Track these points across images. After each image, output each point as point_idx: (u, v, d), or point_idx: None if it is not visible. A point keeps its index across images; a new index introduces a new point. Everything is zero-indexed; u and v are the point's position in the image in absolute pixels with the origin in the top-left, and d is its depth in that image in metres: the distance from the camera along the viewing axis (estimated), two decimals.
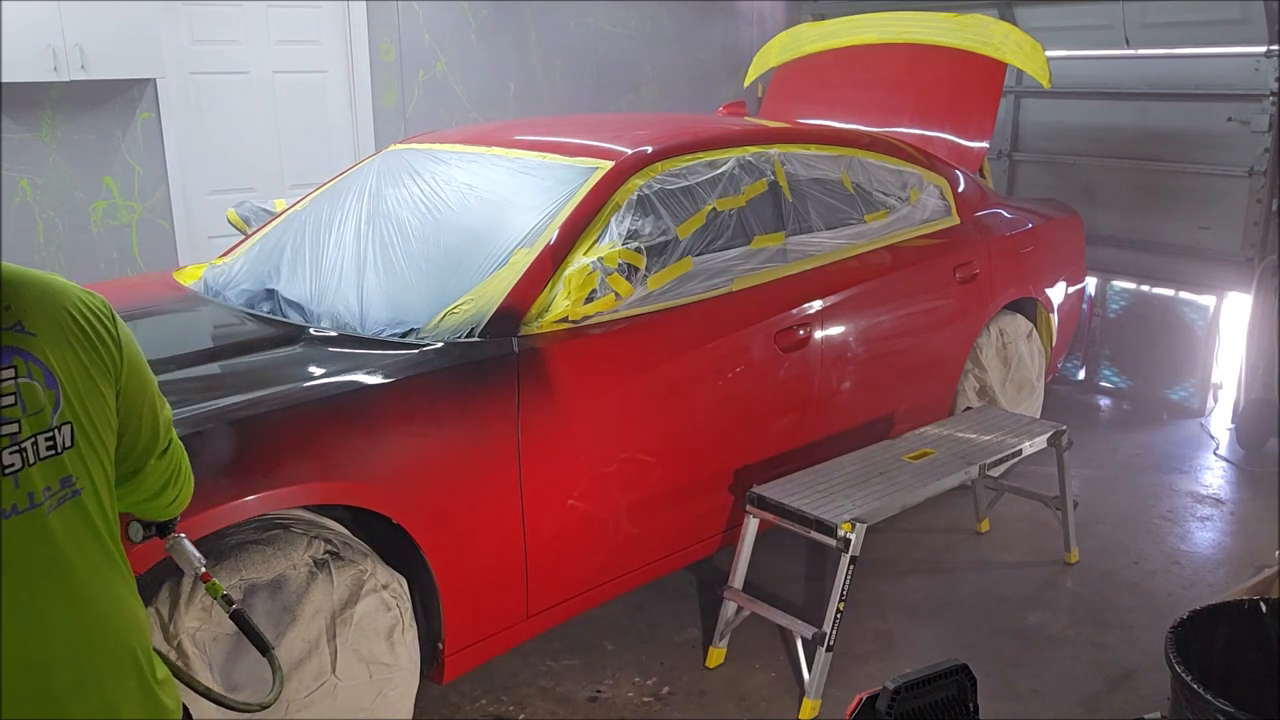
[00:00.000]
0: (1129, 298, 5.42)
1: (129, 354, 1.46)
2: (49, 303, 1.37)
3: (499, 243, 2.89)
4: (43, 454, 1.31)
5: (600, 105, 6.66)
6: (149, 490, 1.61)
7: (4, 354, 1.29)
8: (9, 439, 1.28)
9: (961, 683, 2.04)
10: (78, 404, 1.36)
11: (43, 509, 1.30)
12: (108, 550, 1.38)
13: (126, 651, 1.39)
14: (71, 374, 1.35)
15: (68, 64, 4.45)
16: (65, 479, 1.33)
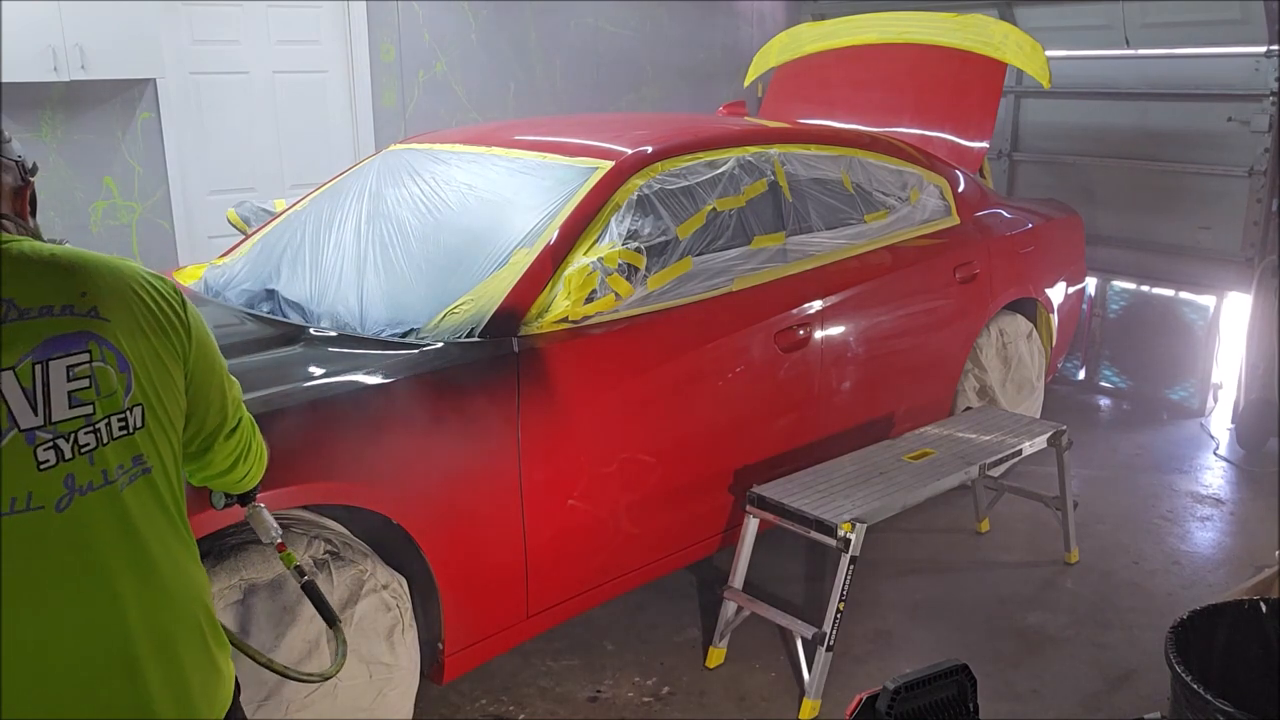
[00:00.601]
0: (1129, 298, 5.42)
1: (197, 337, 1.52)
2: (121, 288, 1.43)
3: (499, 243, 2.89)
4: (115, 434, 1.37)
5: (600, 105, 6.66)
6: (219, 467, 1.67)
7: (80, 339, 1.35)
8: (84, 420, 1.34)
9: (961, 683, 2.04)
10: (148, 386, 1.41)
11: (116, 485, 1.36)
12: (174, 524, 1.45)
13: (193, 620, 1.46)
14: (143, 358, 1.41)
15: (68, 64, 4.45)
16: (136, 457, 1.39)
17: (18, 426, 1.30)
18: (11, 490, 1.30)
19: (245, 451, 1.70)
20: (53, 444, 1.32)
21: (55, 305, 1.35)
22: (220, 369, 1.59)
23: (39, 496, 1.31)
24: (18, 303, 1.33)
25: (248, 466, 1.73)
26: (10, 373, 1.30)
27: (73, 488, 1.33)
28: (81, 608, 1.34)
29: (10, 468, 1.30)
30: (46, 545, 1.32)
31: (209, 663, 1.48)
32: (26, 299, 1.34)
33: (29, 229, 1.53)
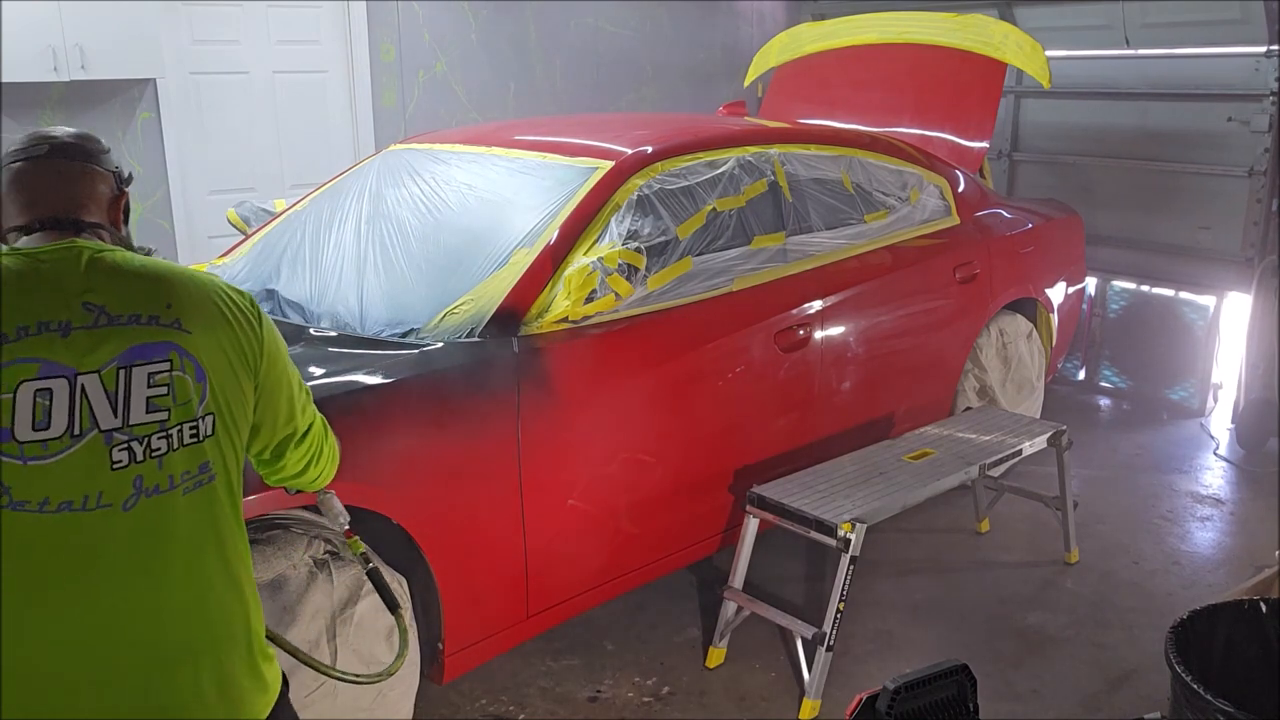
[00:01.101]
0: (1129, 298, 5.42)
1: (269, 352, 1.59)
2: (204, 301, 1.50)
3: (499, 243, 2.89)
4: (186, 441, 1.44)
5: (600, 105, 6.66)
6: (292, 470, 1.76)
7: (163, 348, 1.42)
8: (158, 425, 1.41)
9: (961, 683, 2.04)
10: (221, 397, 1.48)
11: (178, 491, 1.43)
12: (231, 531, 1.50)
13: (241, 625, 1.51)
14: (218, 369, 1.48)
15: (68, 64, 4.45)
16: (203, 465, 1.46)
17: (98, 427, 1.37)
18: (85, 487, 1.37)
19: (316, 456, 1.78)
20: (127, 446, 1.39)
21: (143, 314, 1.42)
22: (289, 382, 1.66)
23: (109, 495, 1.38)
24: (109, 309, 1.41)
25: (319, 469, 1.81)
26: (96, 375, 1.38)
27: (140, 489, 1.40)
28: (136, 605, 1.40)
29: (87, 465, 1.37)
30: (111, 542, 1.38)
31: (253, 668, 1.53)
32: (117, 306, 1.41)
33: (121, 238, 1.59)
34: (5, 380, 1.34)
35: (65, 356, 1.37)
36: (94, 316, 1.40)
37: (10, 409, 1.34)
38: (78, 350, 1.38)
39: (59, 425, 1.36)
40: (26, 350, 1.36)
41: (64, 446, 1.36)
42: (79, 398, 1.37)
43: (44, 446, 1.35)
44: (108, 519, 1.38)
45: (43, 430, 1.35)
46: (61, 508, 1.36)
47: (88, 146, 1.58)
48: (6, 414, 1.34)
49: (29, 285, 1.40)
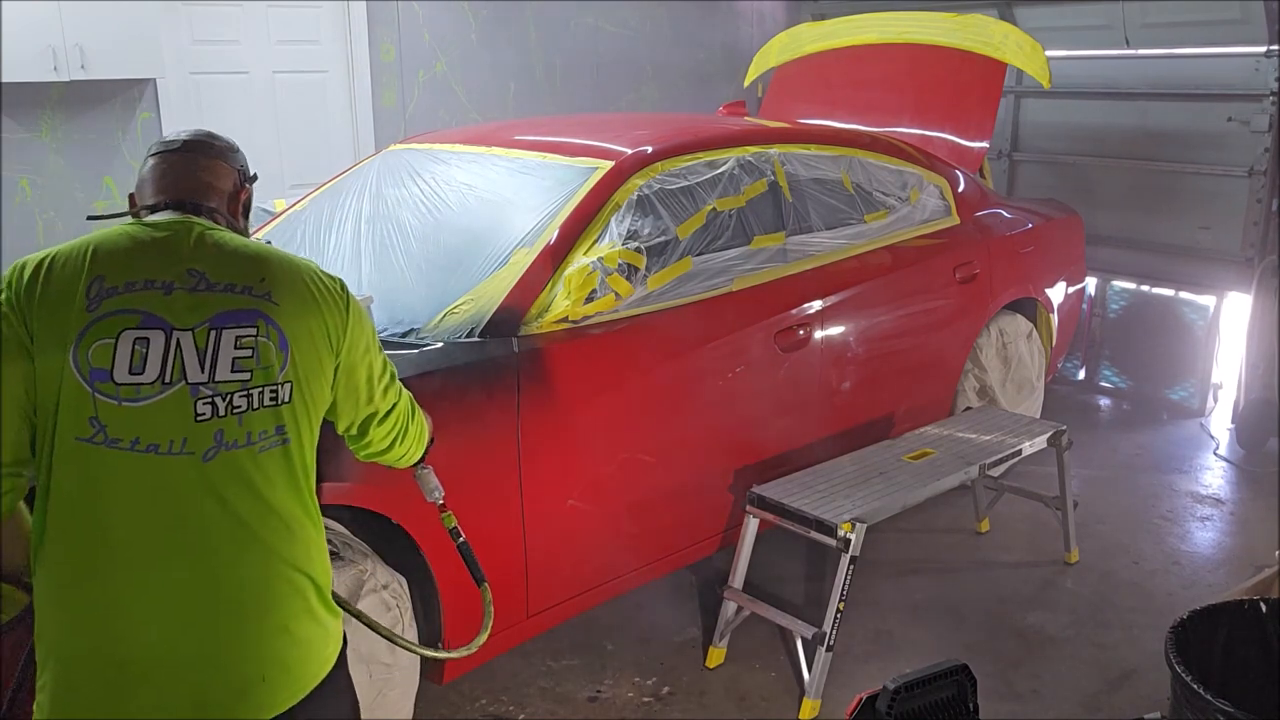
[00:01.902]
0: (1129, 298, 5.42)
1: (352, 333, 1.71)
2: (296, 281, 1.65)
3: (499, 243, 2.89)
4: (265, 403, 1.57)
5: (600, 105, 6.66)
6: (379, 447, 1.90)
7: (251, 315, 1.57)
8: (240, 385, 1.55)
9: (961, 683, 2.05)
10: (301, 368, 1.61)
11: (255, 447, 1.56)
12: (300, 493, 1.63)
13: (304, 579, 1.62)
14: (301, 343, 1.61)
15: (68, 64, 4.45)
16: (279, 427, 1.59)
17: (186, 380, 1.52)
18: (170, 433, 1.51)
19: (401, 435, 1.91)
20: (211, 400, 1.53)
21: (238, 284, 1.58)
22: (370, 364, 1.77)
23: (191, 444, 1.52)
24: (208, 276, 1.57)
25: (405, 448, 1.95)
26: (189, 333, 1.53)
27: (220, 442, 1.53)
28: (210, 548, 1.53)
29: (173, 414, 1.51)
30: (191, 487, 1.52)
31: (315, 622, 1.64)
32: (216, 275, 1.58)
33: (237, 227, 1.76)
34: (110, 326, 1.50)
35: (165, 312, 1.53)
36: (195, 281, 1.56)
37: (111, 353, 1.50)
38: (177, 309, 1.54)
39: (152, 372, 1.51)
40: (131, 302, 1.53)
41: (154, 392, 1.51)
42: (173, 350, 1.52)
43: (137, 390, 1.50)
44: (189, 466, 1.51)
45: (137, 375, 1.50)
46: (149, 449, 1.50)
47: (216, 144, 1.78)
48: (108, 357, 1.50)
49: (142, 249, 1.58)
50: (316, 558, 1.66)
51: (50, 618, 1.55)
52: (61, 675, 1.53)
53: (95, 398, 1.49)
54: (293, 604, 1.60)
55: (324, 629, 1.66)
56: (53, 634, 1.54)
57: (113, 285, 1.53)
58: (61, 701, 1.53)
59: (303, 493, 1.63)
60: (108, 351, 1.50)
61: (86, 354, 1.50)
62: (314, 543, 1.65)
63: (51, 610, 1.54)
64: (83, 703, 1.52)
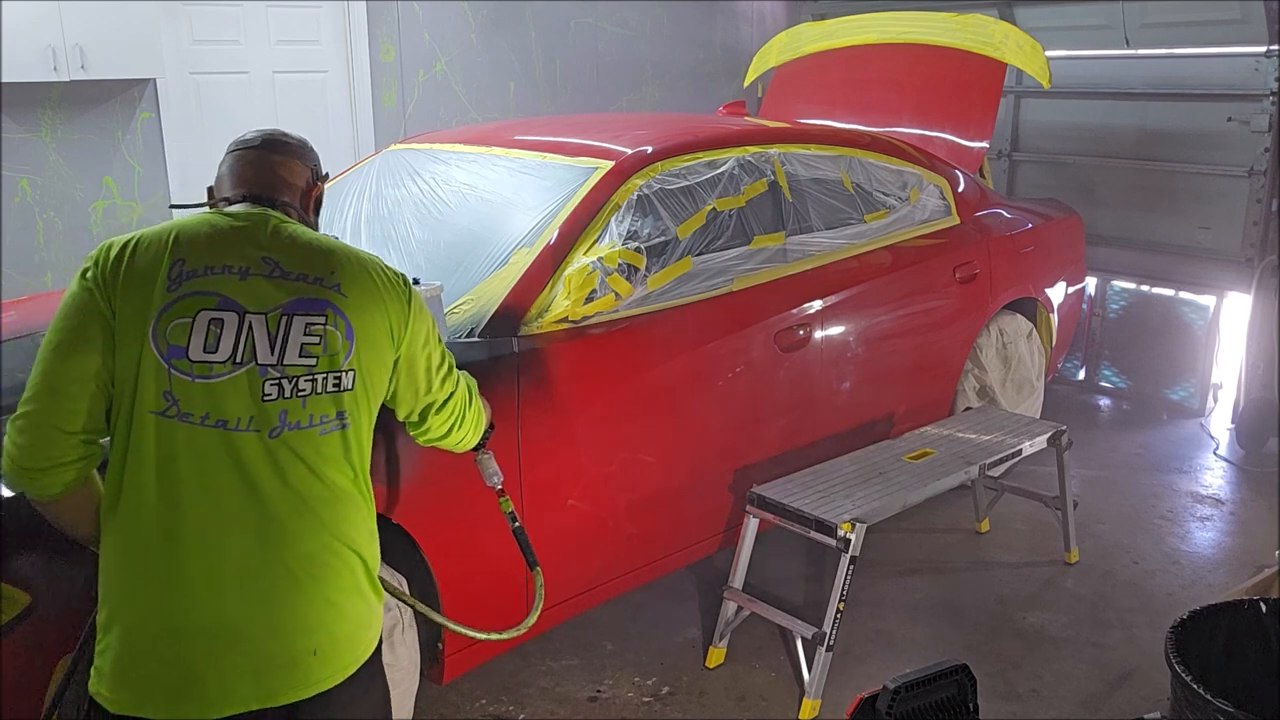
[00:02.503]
0: (1129, 298, 5.42)
1: (413, 326, 1.80)
2: (362, 274, 1.74)
3: (499, 243, 2.89)
4: (328, 388, 1.66)
5: (600, 105, 6.66)
6: (438, 434, 2.00)
7: (321, 305, 1.67)
8: (307, 369, 1.64)
9: (961, 683, 2.05)
10: (365, 358, 1.71)
11: (316, 430, 1.65)
12: (356, 476, 1.72)
13: (354, 559, 1.70)
14: (365, 333, 1.71)
15: (68, 64, 4.45)
16: (340, 412, 1.67)
17: (256, 361, 1.62)
18: (238, 410, 1.60)
19: (458, 422, 2.00)
20: (278, 382, 1.62)
21: (309, 275, 1.68)
22: (429, 356, 1.86)
23: (258, 422, 1.61)
24: (282, 266, 1.67)
25: (462, 434, 2.04)
26: (262, 317, 1.63)
27: (284, 422, 1.62)
28: (269, 522, 1.61)
29: (242, 393, 1.60)
30: (255, 463, 1.60)
31: (364, 600, 1.72)
32: (289, 265, 1.68)
33: (309, 222, 1.87)
34: (189, 306, 1.61)
35: (240, 296, 1.63)
36: (270, 269, 1.66)
37: (188, 332, 1.60)
38: (251, 294, 1.64)
39: (224, 352, 1.61)
40: (209, 285, 1.63)
41: (225, 371, 1.60)
42: (245, 332, 1.62)
43: (209, 368, 1.60)
44: (255, 442, 1.61)
45: (211, 354, 1.60)
46: (218, 424, 1.59)
47: (291, 143, 1.88)
48: (185, 335, 1.60)
49: (222, 236, 1.69)
50: (367, 538, 1.74)
51: (116, 583, 1.62)
52: (125, 639, 1.60)
53: (170, 373, 1.59)
54: (344, 580, 1.68)
55: (370, 609, 1.74)
56: (117, 598, 1.62)
57: (193, 268, 1.63)
58: (124, 664, 1.60)
59: (358, 476, 1.72)
60: (184, 330, 1.60)
61: (165, 331, 1.60)
62: (365, 524, 1.74)
63: (118, 576, 1.62)
64: (145, 666, 1.59)
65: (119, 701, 1.60)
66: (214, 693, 1.59)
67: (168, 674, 1.58)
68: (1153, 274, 5.32)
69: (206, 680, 1.58)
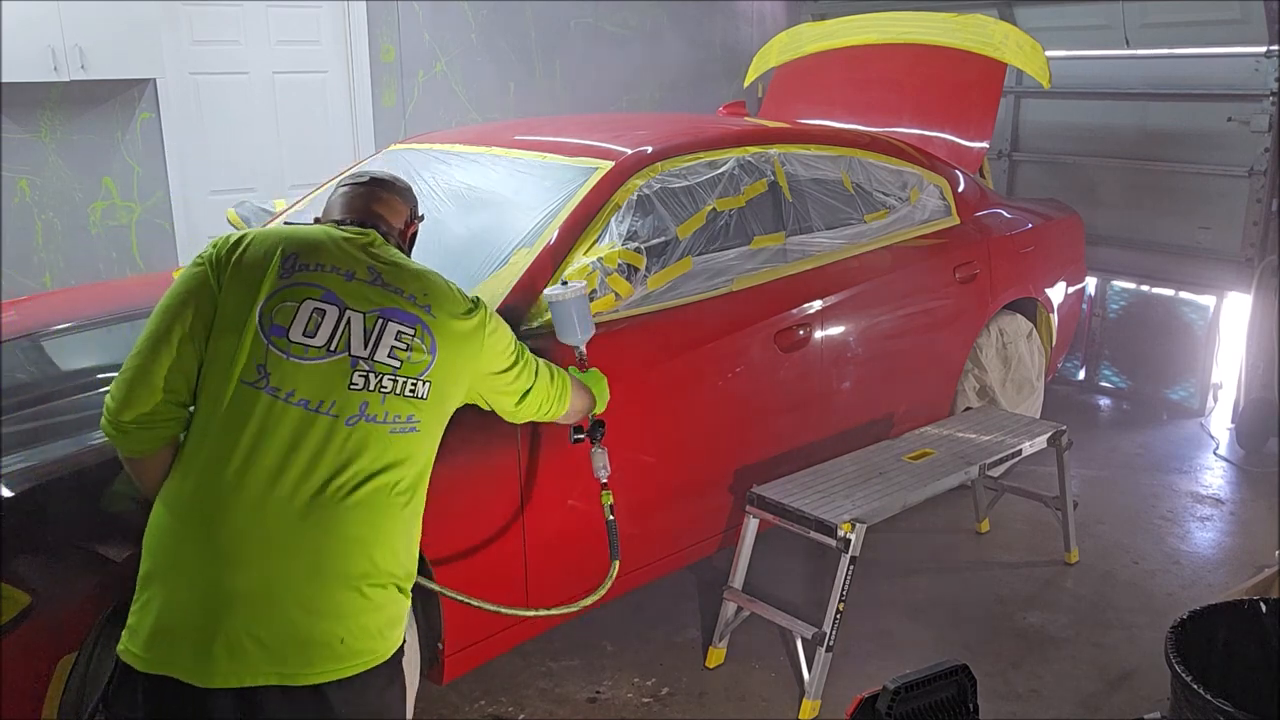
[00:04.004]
0: (1129, 298, 5.42)
1: (488, 350, 1.98)
2: (448, 300, 1.92)
3: (499, 243, 2.89)
4: (405, 392, 1.80)
5: (600, 105, 6.65)
6: (527, 418, 2.25)
7: (413, 318, 1.84)
8: (391, 370, 1.79)
9: (961, 683, 2.05)
10: (442, 373, 1.86)
11: (388, 427, 1.78)
12: (413, 483, 1.83)
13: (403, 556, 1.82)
14: (446, 352, 1.87)
15: (68, 64, 4.45)
16: (411, 415, 1.81)
17: (349, 351, 1.77)
18: (322, 394, 1.74)
19: (543, 403, 2.22)
20: (366, 374, 1.77)
21: (405, 290, 1.86)
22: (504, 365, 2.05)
23: (339, 408, 1.74)
24: (384, 277, 1.86)
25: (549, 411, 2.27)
26: (361, 315, 1.80)
27: (363, 412, 1.75)
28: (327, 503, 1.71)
29: (330, 377, 1.75)
30: (325, 445, 1.72)
31: (395, 600, 1.80)
32: (390, 278, 1.86)
33: (404, 253, 2.05)
34: (297, 293, 1.77)
35: (344, 293, 1.80)
36: (373, 277, 1.85)
37: (292, 315, 1.76)
38: (354, 294, 1.81)
39: (322, 339, 1.76)
40: (318, 279, 1.80)
41: (318, 355, 1.75)
42: (343, 325, 1.78)
43: (305, 350, 1.75)
44: (331, 426, 1.73)
45: (309, 338, 1.75)
46: (300, 403, 1.72)
47: (396, 184, 2.10)
48: (289, 317, 1.76)
49: (334, 243, 1.87)
50: (407, 542, 1.83)
51: (166, 538, 1.71)
52: (166, 594, 1.67)
53: (269, 349, 1.73)
54: (381, 575, 1.76)
55: (399, 609, 1.82)
56: (164, 553, 1.70)
57: (305, 263, 1.81)
58: (161, 621, 1.66)
59: (415, 483, 1.83)
60: (289, 313, 1.76)
61: (271, 312, 1.75)
62: (409, 528, 1.84)
63: (170, 532, 1.71)
64: (181, 624, 1.66)
65: (150, 660, 1.65)
66: (239, 661, 1.64)
67: (199, 636, 1.64)
68: (1153, 274, 5.32)
69: (235, 646, 1.64)
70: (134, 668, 1.66)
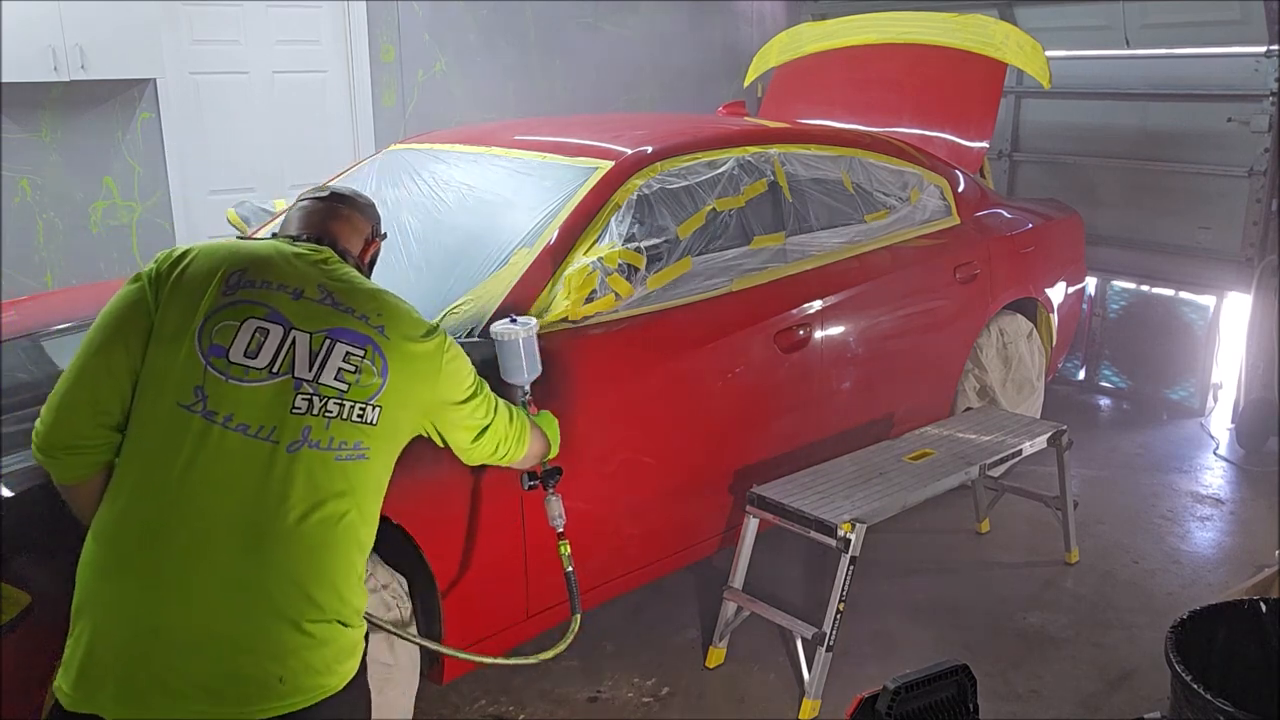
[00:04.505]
0: (1129, 298, 5.41)
1: (446, 373, 1.88)
2: (404, 322, 1.82)
3: (499, 243, 2.89)
4: (353, 418, 1.71)
5: (600, 105, 6.65)
6: (480, 459, 2.12)
7: (364, 339, 1.75)
8: (337, 393, 1.70)
9: (961, 683, 2.05)
10: (394, 398, 1.76)
11: (333, 454, 1.68)
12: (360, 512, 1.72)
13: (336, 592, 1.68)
14: (398, 376, 1.77)
15: (68, 64, 4.45)
16: (358, 443, 1.71)
17: (292, 373, 1.67)
18: (262, 418, 1.64)
19: (500, 443, 2.11)
20: (310, 397, 1.67)
21: (357, 310, 1.77)
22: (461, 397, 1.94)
23: (279, 432, 1.64)
24: (335, 296, 1.77)
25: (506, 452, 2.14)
26: (307, 335, 1.70)
27: (305, 438, 1.65)
28: (266, 535, 1.61)
29: (273, 401, 1.65)
30: (264, 474, 1.62)
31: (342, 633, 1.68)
32: (342, 298, 1.78)
33: (363, 272, 1.97)
34: (239, 312, 1.69)
35: (290, 312, 1.71)
36: (323, 295, 1.76)
37: (233, 334, 1.67)
38: (302, 313, 1.72)
39: (264, 360, 1.67)
40: (263, 296, 1.71)
41: (259, 378, 1.65)
42: (288, 345, 1.68)
43: (245, 371, 1.65)
44: (270, 453, 1.63)
45: (250, 359, 1.66)
46: (239, 428, 1.62)
47: (357, 200, 2.04)
48: (229, 337, 1.67)
49: (284, 259, 1.79)
50: (353, 577, 1.72)
51: (95, 571, 1.61)
52: (94, 630, 1.59)
53: (206, 369, 1.64)
54: (324, 610, 1.65)
55: (349, 640, 1.71)
56: (94, 586, 1.61)
57: (251, 279, 1.72)
58: (89, 658, 1.58)
59: (364, 507, 1.73)
60: (230, 332, 1.67)
61: (211, 331, 1.67)
62: (360, 555, 1.73)
63: (99, 565, 1.61)
64: (107, 662, 1.57)
65: (77, 699, 1.58)
66: (172, 699, 1.56)
67: (127, 674, 1.56)
68: (1153, 274, 5.32)
69: (166, 684, 1.55)
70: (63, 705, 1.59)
